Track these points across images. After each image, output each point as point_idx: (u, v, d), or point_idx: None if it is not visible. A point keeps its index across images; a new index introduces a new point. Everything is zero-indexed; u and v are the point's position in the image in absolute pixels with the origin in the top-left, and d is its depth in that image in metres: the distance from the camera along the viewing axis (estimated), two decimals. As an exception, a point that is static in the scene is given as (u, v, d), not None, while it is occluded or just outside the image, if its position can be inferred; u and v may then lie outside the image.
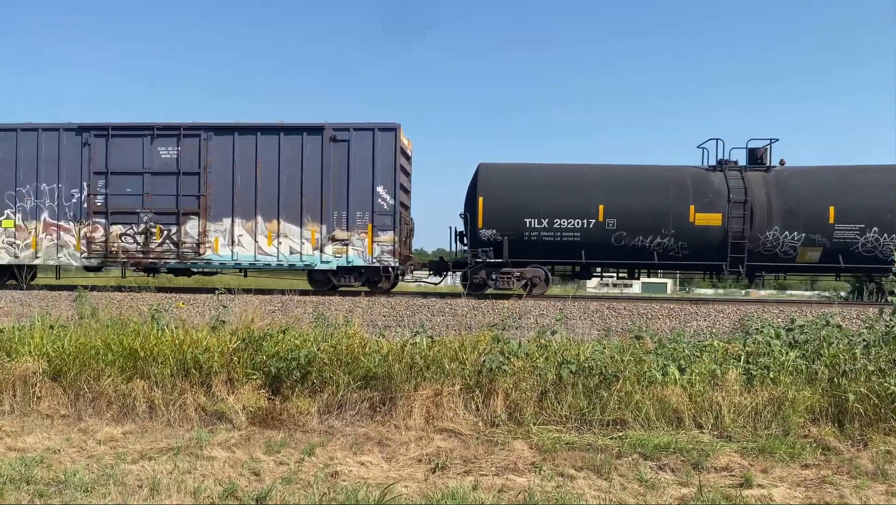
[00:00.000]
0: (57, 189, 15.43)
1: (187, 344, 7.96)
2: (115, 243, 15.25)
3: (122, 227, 15.28)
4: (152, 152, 15.24)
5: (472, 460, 6.04)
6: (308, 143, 14.99)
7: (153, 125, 15.26)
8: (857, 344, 7.55)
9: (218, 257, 15.19)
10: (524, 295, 14.16)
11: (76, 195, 15.38)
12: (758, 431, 6.64)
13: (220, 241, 15.14)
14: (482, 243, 14.95)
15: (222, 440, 6.55)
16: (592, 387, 7.15)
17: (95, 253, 15.33)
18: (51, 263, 15.69)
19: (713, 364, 7.41)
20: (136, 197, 15.26)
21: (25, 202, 15.49)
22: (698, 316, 12.11)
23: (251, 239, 15.09)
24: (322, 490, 5.27)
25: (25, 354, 8.07)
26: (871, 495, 5.31)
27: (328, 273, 15.13)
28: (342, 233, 14.91)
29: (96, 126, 15.42)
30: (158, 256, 15.25)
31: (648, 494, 5.30)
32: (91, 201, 15.31)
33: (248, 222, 15.11)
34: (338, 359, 7.64)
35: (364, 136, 14.94)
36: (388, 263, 14.84)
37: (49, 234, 15.45)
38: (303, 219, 14.99)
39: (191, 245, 15.14)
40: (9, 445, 6.50)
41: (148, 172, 15.23)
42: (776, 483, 5.51)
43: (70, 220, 15.41)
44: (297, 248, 15.03)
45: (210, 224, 15.15)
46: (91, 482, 5.41)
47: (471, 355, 7.60)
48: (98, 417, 7.42)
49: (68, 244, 15.42)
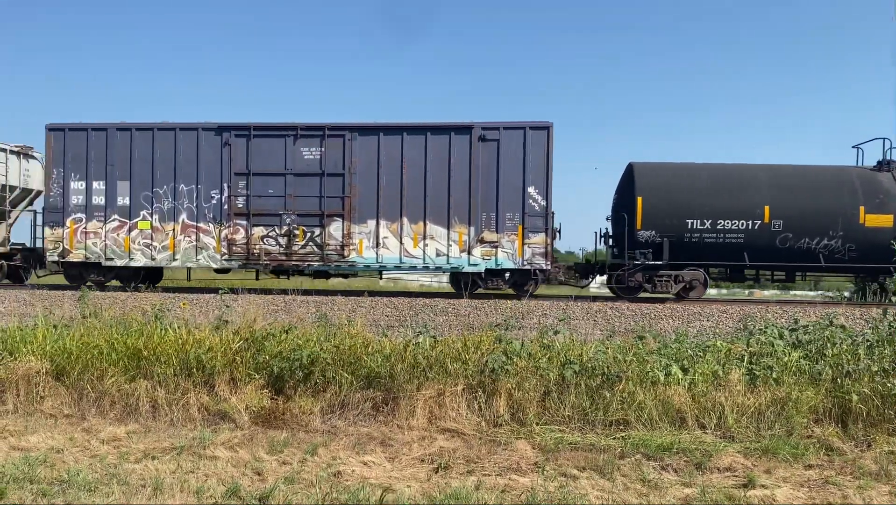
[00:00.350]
0: (195, 190, 15.12)
1: (190, 344, 7.98)
2: (257, 245, 14.97)
3: (263, 228, 14.98)
4: (295, 153, 14.97)
5: (475, 460, 6.04)
6: (456, 143, 14.65)
7: (297, 125, 14.95)
8: (861, 344, 7.53)
9: (362, 260, 14.91)
10: (526, 296, 14.14)
11: (216, 196, 15.08)
12: (761, 431, 6.63)
13: (364, 243, 14.87)
14: (640, 245, 14.57)
15: (225, 440, 6.56)
16: (595, 387, 7.15)
17: (236, 255, 15.04)
18: (189, 265, 15.38)
19: (716, 364, 7.40)
20: (278, 198, 14.96)
21: (163, 203, 15.20)
22: (702, 316, 12.09)
23: (396, 241, 14.80)
24: (325, 490, 5.27)
25: (28, 354, 8.09)
26: (875, 496, 5.30)
27: (474, 276, 14.79)
28: (491, 235, 14.57)
29: (237, 126, 15.13)
30: (301, 258, 14.98)
31: (651, 495, 5.30)
32: (232, 203, 15.02)
33: (393, 224, 14.80)
34: (340, 359, 7.65)
35: (514, 136, 14.56)
36: (540, 265, 14.47)
37: (188, 236, 15.16)
38: (450, 220, 14.63)
39: (335, 247, 14.87)
40: (12, 445, 6.52)
41: (290, 173, 14.93)
42: (779, 483, 5.50)
43: (210, 222, 15.10)
44: (443, 250, 14.71)
45: (354, 226, 14.86)
46: (94, 482, 5.43)
47: (473, 355, 7.60)
48: (101, 416, 7.43)
49: (208, 246, 15.12)
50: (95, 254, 15.33)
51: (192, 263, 15.27)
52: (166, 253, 15.17)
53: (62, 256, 15.38)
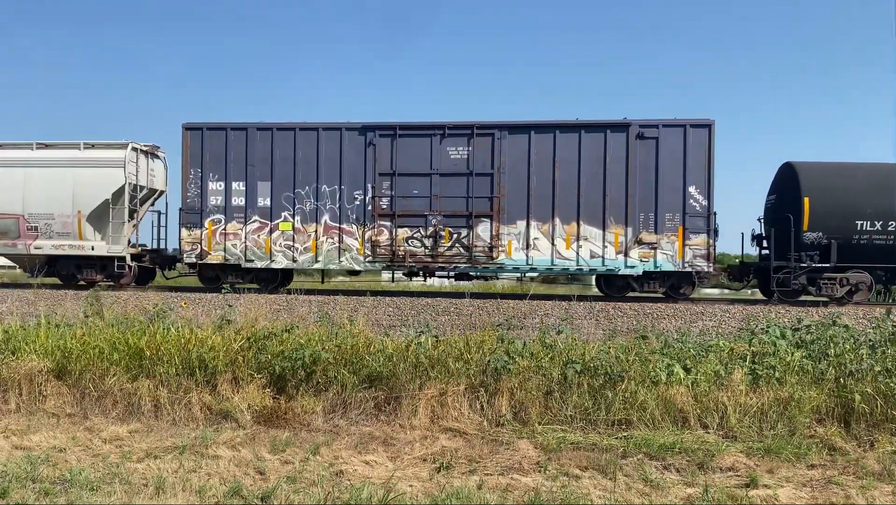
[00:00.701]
0: (338, 190, 14.97)
1: (193, 343, 7.98)
2: (402, 247, 14.76)
3: (408, 230, 14.79)
4: (441, 152, 14.72)
5: (477, 460, 6.03)
6: (612, 141, 14.32)
7: (444, 124, 14.73)
8: (864, 344, 7.52)
9: (511, 262, 14.60)
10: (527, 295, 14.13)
11: (359, 197, 14.92)
12: (763, 431, 6.62)
13: (513, 244, 14.56)
14: (806, 247, 14.18)
15: (227, 439, 6.56)
16: (597, 387, 7.14)
17: (380, 256, 14.84)
18: (332, 266, 15.22)
19: (719, 364, 7.39)
20: (423, 199, 14.76)
21: (304, 204, 15.03)
22: (704, 316, 12.09)
23: (548, 242, 14.46)
24: (327, 489, 5.27)
25: (31, 353, 8.10)
26: (878, 496, 5.29)
27: (630, 278, 14.45)
28: (650, 236, 14.20)
29: (381, 125, 14.95)
30: (448, 260, 14.74)
31: (654, 494, 5.29)
32: (376, 203, 14.83)
33: (544, 225, 14.48)
34: (342, 358, 7.65)
35: (674, 133, 14.21)
36: (701, 267, 14.08)
37: (330, 238, 14.98)
38: (605, 221, 14.28)
39: (482, 249, 14.59)
40: (15, 444, 6.53)
41: (436, 174, 14.69)
42: (782, 483, 5.49)
43: (353, 223, 14.93)
44: (598, 251, 14.33)
45: (503, 227, 14.57)
46: (97, 481, 5.43)
47: (476, 355, 7.59)
48: (104, 415, 7.44)
49: (351, 248, 14.94)
50: (235, 255, 15.18)
51: (335, 264, 15.09)
52: (308, 255, 15.02)
53: (200, 258, 15.25)
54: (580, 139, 14.40)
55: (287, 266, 15.17)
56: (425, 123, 14.83)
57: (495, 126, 14.62)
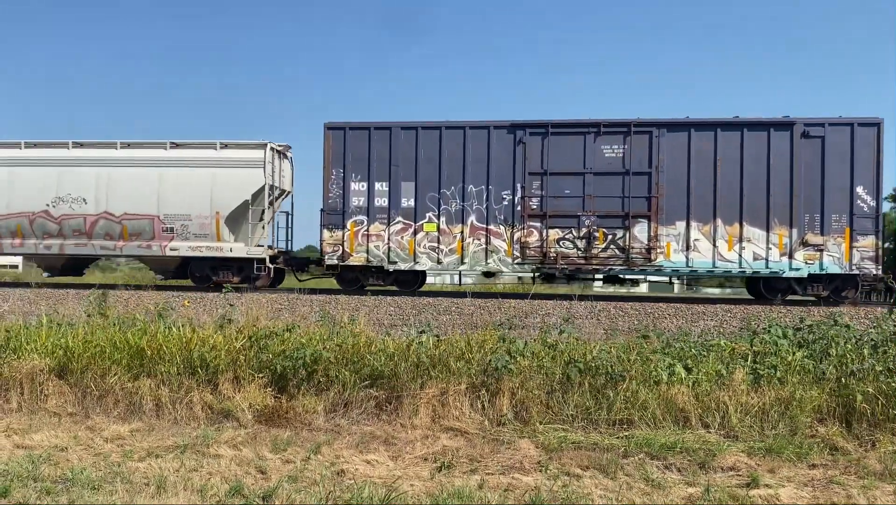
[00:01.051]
0: (485, 191, 14.62)
1: (194, 342, 7.99)
2: (553, 248, 14.37)
3: (559, 231, 14.40)
4: (595, 151, 14.33)
5: (478, 459, 6.03)
6: (775, 140, 13.97)
7: (599, 122, 14.37)
8: (866, 344, 7.52)
9: (670, 264, 14.17)
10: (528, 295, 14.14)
11: (507, 197, 14.55)
12: (765, 430, 6.62)
13: (672, 246, 14.13)
14: None
15: (229, 438, 6.57)
16: (599, 386, 7.14)
17: (530, 259, 14.45)
18: (478, 269, 14.85)
19: (720, 364, 7.39)
20: (575, 199, 14.34)
21: (450, 205, 14.69)
22: (706, 315, 12.09)
23: (708, 244, 14.04)
24: (328, 488, 5.27)
25: (32, 352, 8.11)
26: (879, 496, 5.29)
27: (792, 281, 14.07)
28: (816, 237, 13.84)
29: (532, 123, 14.56)
30: (602, 262, 14.31)
31: (655, 494, 5.29)
32: (526, 204, 14.46)
33: (704, 226, 14.09)
34: (343, 358, 7.65)
35: (840, 132, 13.84)
36: (869, 270, 13.69)
37: (477, 239, 14.62)
38: (769, 222, 13.90)
39: (639, 250, 14.16)
40: (16, 443, 6.54)
41: (590, 173, 14.30)
42: (783, 483, 5.49)
43: (501, 224, 14.57)
44: (761, 253, 13.92)
45: (661, 228, 14.13)
46: (98, 480, 5.44)
47: (477, 354, 7.60)
48: (105, 415, 7.45)
49: (499, 249, 14.58)
50: (378, 257, 14.87)
51: (482, 266, 14.74)
52: (454, 256, 14.69)
53: (342, 260, 14.96)
54: (742, 137, 14.06)
55: (431, 268, 14.90)
56: (578, 121, 14.51)
57: (653, 124, 14.29)
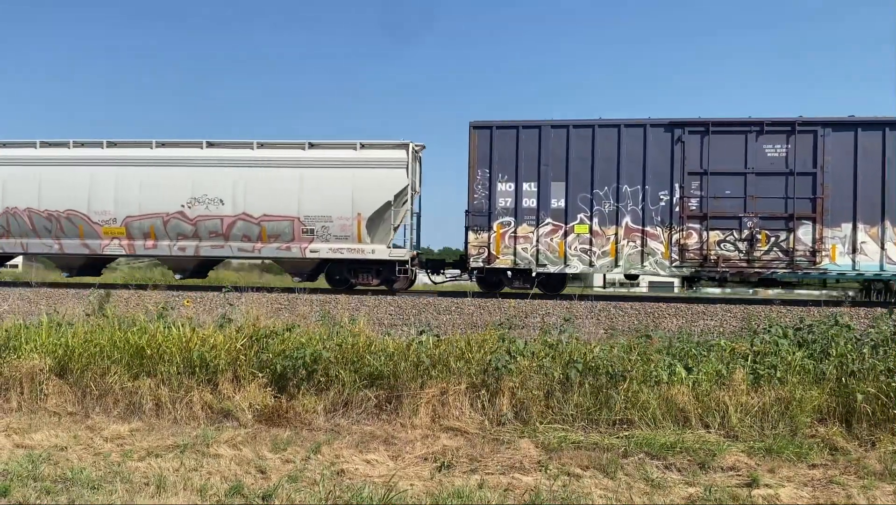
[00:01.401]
0: (641, 191, 14.22)
1: (194, 342, 7.98)
2: (713, 251, 14.01)
3: (720, 232, 14.03)
4: (756, 151, 13.95)
5: (478, 459, 6.03)
6: None
7: (761, 121, 14.04)
8: (866, 343, 7.51)
9: (836, 267, 13.83)
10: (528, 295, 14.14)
11: (664, 197, 14.15)
12: (765, 430, 6.62)
13: (837, 248, 13.77)
14: None
15: (228, 438, 6.56)
16: (599, 386, 7.14)
17: (689, 261, 14.09)
18: (633, 271, 14.42)
19: (720, 364, 7.38)
20: (736, 200, 13.98)
21: (603, 205, 14.32)
22: (706, 315, 12.10)
23: (876, 246, 13.66)
24: (328, 488, 5.27)
25: (32, 352, 8.11)
26: (879, 496, 5.29)
27: None
28: None
29: (691, 122, 14.22)
30: (765, 265, 13.93)
31: (655, 494, 5.29)
32: (684, 204, 14.09)
33: (871, 228, 13.71)
34: (343, 357, 7.65)
35: None
36: None
37: (631, 241, 14.23)
38: None
39: (804, 253, 13.80)
40: (16, 442, 6.54)
41: (751, 173, 13.92)
42: (783, 483, 5.49)
43: (657, 226, 14.18)
44: None
45: (826, 230, 13.78)
46: (98, 480, 5.43)
47: (477, 354, 7.59)
48: (105, 414, 7.45)
49: (655, 252, 14.18)
50: (526, 260, 14.52)
51: (637, 269, 14.36)
52: (607, 259, 14.31)
53: (488, 262, 14.61)
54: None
55: (583, 271, 14.60)
56: (739, 120, 14.23)
57: (818, 122, 13.94)
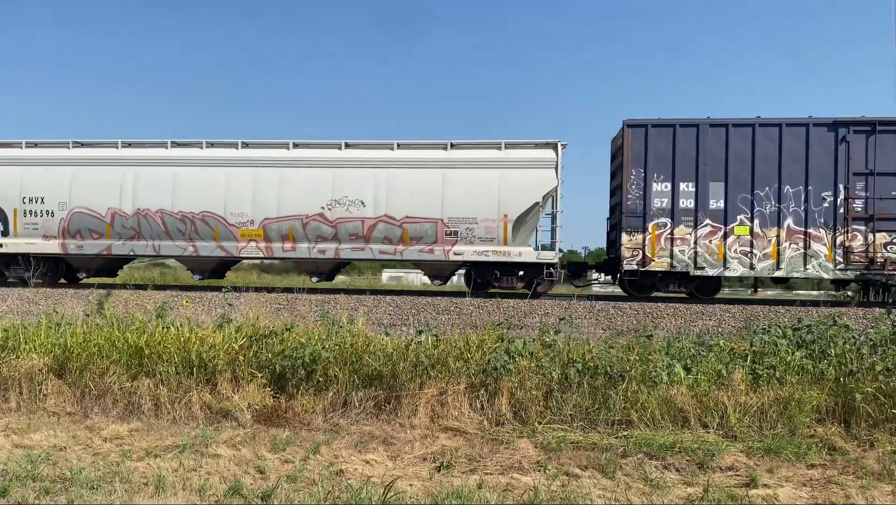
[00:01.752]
0: (803, 192, 13.94)
1: (193, 342, 7.98)
2: (879, 253, 13.74)
3: (887, 234, 13.75)
4: None
5: (478, 459, 6.03)
6: None
7: None
8: (865, 343, 7.52)
9: None
10: (528, 294, 14.14)
11: (828, 198, 13.88)
12: (763, 430, 6.63)
13: None
14: None
15: (227, 438, 6.56)
16: (598, 386, 7.14)
17: (854, 264, 13.82)
18: (795, 274, 14.12)
19: (719, 364, 7.39)
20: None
21: (763, 207, 14.01)
22: (704, 315, 12.10)
23: None
24: (327, 488, 5.27)
25: (31, 352, 8.11)
26: (878, 496, 5.29)
27: None
28: None
29: (856, 121, 13.92)
30: None
31: (654, 494, 5.29)
32: (849, 206, 13.81)
33: None
34: (343, 357, 7.65)
35: None
36: None
37: (794, 243, 13.97)
38: None
39: None
40: (15, 442, 6.53)
41: None
42: (782, 483, 5.50)
43: (820, 227, 13.90)
44: None
45: None
46: (97, 480, 5.43)
47: (476, 354, 7.59)
48: (104, 414, 7.44)
49: (818, 254, 13.91)
50: (683, 262, 14.24)
51: (799, 272, 14.08)
52: (768, 262, 14.04)
53: (642, 265, 14.31)
54: None
55: (743, 274, 14.29)
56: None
57: None
